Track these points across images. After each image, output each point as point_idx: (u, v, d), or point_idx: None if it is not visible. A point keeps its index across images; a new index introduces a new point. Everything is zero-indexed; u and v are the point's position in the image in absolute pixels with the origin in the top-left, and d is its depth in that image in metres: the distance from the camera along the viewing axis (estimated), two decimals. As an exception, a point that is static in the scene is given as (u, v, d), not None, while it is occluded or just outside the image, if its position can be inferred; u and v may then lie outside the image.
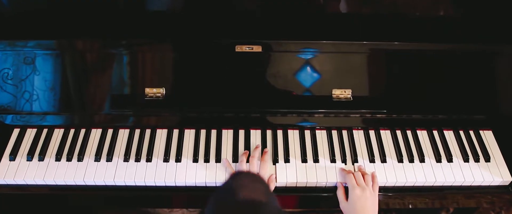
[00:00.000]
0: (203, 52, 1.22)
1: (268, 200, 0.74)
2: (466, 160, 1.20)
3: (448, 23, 1.31)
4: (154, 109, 1.24)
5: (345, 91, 1.23)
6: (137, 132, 1.24)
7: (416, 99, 1.26)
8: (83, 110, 1.25)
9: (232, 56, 1.20)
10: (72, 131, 1.25)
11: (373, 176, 1.14)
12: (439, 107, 1.27)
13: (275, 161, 1.18)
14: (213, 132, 1.24)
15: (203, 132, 1.24)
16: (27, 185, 1.17)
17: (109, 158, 1.18)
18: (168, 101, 1.22)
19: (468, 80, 1.26)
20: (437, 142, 1.24)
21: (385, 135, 1.26)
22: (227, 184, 0.79)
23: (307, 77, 1.24)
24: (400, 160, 1.19)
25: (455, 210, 1.65)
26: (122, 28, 1.26)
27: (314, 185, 1.16)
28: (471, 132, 1.27)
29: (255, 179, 0.79)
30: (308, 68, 1.23)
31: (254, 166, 1.13)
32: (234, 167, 1.17)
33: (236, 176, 0.80)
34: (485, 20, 1.30)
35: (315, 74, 1.24)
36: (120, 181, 1.15)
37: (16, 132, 1.24)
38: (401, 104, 1.26)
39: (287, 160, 1.19)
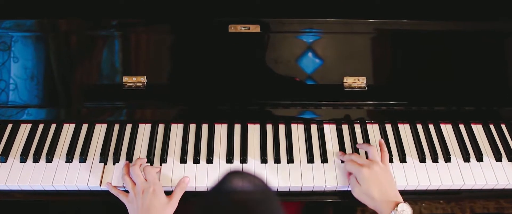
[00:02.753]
0: (190, 33, 1.04)
1: (266, 201, 0.65)
2: (498, 158, 1.04)
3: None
4: (135, 101, 1.06)
5: (358, 80, 1.05)
6: (116, 127, 1.08)
7: (440, 89, 1.10)
8: (53, 102, 1.08)
9: (225, 37, 1.02)
10: (41, 127, 1.08)
11: (380, 144, 0.99)
12: (466, 96, 1.10)
13: (276, 161, 1.02)
14: (204, 127, 1.07)
15: (192, 127, 1.08)
16: (-13, 190, 1.00)
17: (83, 159, 1.02)
18: (150, 91, 1.05)
19: (500, 66, 1.10)
20: (464, 138, 1.07)
21: (404, 129, 1.09)
22: (220, 184, 0.68)
23: (314, 63, 1.06)
24: (422, 160, 1.03)
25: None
26: (94, 6, 1.08)
27: (322, 189, 1.00)
28: (503, 126, 1.10)
29: (252, 179, 0.68)
30: (315, 53, 1.05)
31: (137, 176, 0.95)
32: (227, 167, 1.00)
33: (230, 176, 0.69)
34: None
35: (323, 60, 1.06)
36: (94, 186, 0.98)
37: (-25, 128, 1.08)
38: (422, 94, 1.10)
39: (290, 160, 1.02)
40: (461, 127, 1.10)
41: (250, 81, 1.07)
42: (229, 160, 1.02)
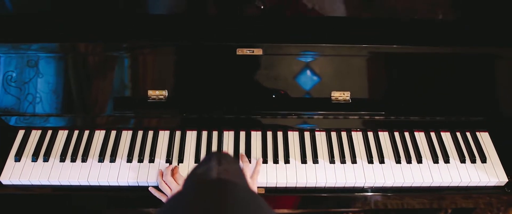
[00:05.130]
0: (204, 55, 1.24)
1: (240, 181, 0.77)
2: (462, 161, 1.23)
3: (446, 26, 1.33)
4: (157, 111, 1.26)
5: (344, 94, 1.25)
6: (140, 133, 1.27)
7: (414, 102, 1.28)
8: (87, 111, 1.27)
9: (233, 59, 1.22)
10: (76, 132, 1.27)
11: (256, 166, 1.17)
12: (437, 109, 1.29)
13: (275, 161, 1.21)
14: (215, 134, 1.27)
15: (204, 134, 1.27)
16: (32, 185, 1.19)
17: (113, 159, 1.21)
18: (170, 103, 1.25)
19: (466, 83, 1.28)
20: (434, 143, 1.26)
21: (383, 136, 1.28)
22: (204, 163, 0.81)
23: (307, 79, 1.26)
24: (398, 161, 1.22)
25: (453, 211, 1.67)
26: (126, 31, 1.28)
27: (313, 185, 1.18)
28: (468, 134, 1.29)
29: (231, 160, 0.81)
30: (308, 71, 1.26)
31: (170, 182, 1.13)
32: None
33: (213, 156, 0.82)
34: (482, 23, 1.32)
35: (314, 77, 1.26)
36: (123, 182, 1.17)
37: (21, 133, 1.27)
38: (399, 106, 1.28)
39: (287, 161, 1.21)
40: (432, 134, 1.29)
41: (254, 95, 1.26)
42: (236, 160, 1.21)
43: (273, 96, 1.26)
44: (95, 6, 1.28)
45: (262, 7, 1.23)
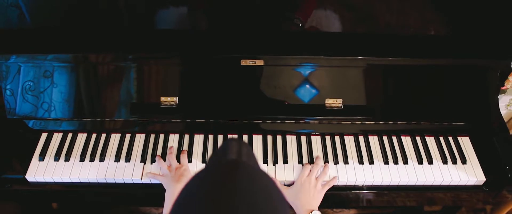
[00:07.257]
0: (212, 66, 1.37)
1: (252, 163, 0.89)
2: (445, 162, 1.35)
3: (433, 41, 1.45)
4: (168, 116, 1.38)
5: (336, 101, 1.38)
6: (152, 136, 1.39)
7: (402, 109, 1.40)
8: (104, 116, 1.39)
9: (237, 69, 1.35)
10: (94, 135, 1.39)
11: (330, 180, 1.28)
12: (422, 115, 1.41)
13: (274, 162, 1.33)
14: (220, 137, 1.39)
15: (210, 137, 1.39)
16: (54, 182, 1.31)
17: (128, 159, 1.33)
18: (180, 109, 1.37)
19: (449, 91, 1.40)
20: (419, 146, 1.39)
21: (373, 140, 1.40)
22: (219, 149, 0.95)
23: (303, 88, 1.39)
24: (386, 162, 1.34)
25: (439, 211, 1.78)
26: (145, 45, 1.41)
27: (309, 183, 1.30)
28: (450, 138, 1.41)
29: (246, 146, 0.94)
30: (305, 80, 1.39)
31: (174, 160, 1.29)
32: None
33: (231, 141, 0.94)
34: (465, 38, 1.44)
35: (310, 86, 1.39)
36: (137, 179, 1.30)
37: (44, 135, 1.39)
38: (388, 113, 1.40)
39: (285, 162, 1.33)
40: (418, 138, 1.41)
41: (255, 102, 1.39)
42: (239, 161, 1.33)
43: (273, 102, 1.38)
44: (116, 23, 1.41)
45: (300, 25, 1.35)
